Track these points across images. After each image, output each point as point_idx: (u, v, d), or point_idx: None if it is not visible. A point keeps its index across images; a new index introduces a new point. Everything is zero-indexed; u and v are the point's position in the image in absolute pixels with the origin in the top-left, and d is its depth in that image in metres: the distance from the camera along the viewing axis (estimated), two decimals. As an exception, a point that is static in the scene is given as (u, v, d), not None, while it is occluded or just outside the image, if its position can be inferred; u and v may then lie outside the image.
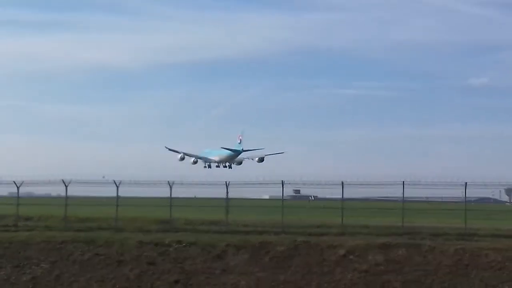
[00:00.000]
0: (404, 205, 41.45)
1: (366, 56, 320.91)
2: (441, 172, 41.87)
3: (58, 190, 49.94)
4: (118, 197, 43.58)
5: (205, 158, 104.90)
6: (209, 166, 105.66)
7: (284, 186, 41.34)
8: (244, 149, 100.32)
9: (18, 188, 44.21)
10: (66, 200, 43.51)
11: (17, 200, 44.89)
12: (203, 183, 42.19)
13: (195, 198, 67.75)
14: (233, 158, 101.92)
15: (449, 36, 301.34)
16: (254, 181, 41.26)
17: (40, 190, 73.39)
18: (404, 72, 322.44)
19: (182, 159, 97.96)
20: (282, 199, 42.86)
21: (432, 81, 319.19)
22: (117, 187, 43.08)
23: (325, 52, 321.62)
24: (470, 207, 44.65)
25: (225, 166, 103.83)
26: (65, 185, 42.96)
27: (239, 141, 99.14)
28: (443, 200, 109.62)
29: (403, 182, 39.78)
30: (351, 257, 32.50)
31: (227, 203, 42.04)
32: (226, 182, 41.35)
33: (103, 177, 43.87)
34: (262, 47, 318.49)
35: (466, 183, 40.00)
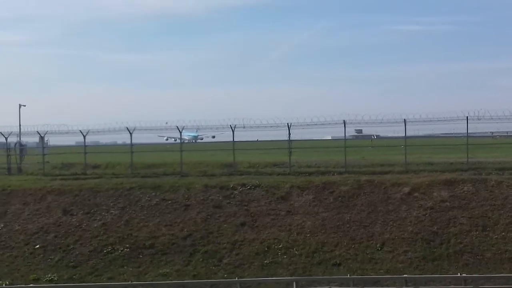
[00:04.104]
0: (468, 141, 40.78)
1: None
2: (506, 105, 40.79)
3: (123, 138, 50.54)
4: (181, 142, 44.06)
5: (180, 137, 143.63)
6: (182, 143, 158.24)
7: (346, 125, 41.06)
8: (199, 135, 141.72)
9: (84, 137, 44.97)
10: (132, 147, 44.19)
11: (84, 148, 45.83)
12: (265, 125, 42.07)
13: (257, 142, 68.22)
14: (195, 139, 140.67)
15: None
16: (316, 122, 40.91)
17: (106, 139, 74.53)
18: (466, 5, 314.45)
19: (166, 139, 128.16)
20: (345, 139, 42.75)
21: (493, 13, 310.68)
22: (180, 132, 43.59)
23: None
24: (536, 140, 43.80)
25: (192, 143, 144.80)
26: (130, 133, 43.52)
27: (196, 131, 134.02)
28: (508, 134, 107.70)
29: (467, 117, 38.98)
30: (416, 194, 32.37)
31: (290, 145, 42.03)
32: (288, 123, 41.14)
33: (166, 123, 44.47)
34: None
35: (532, 116, 38.97)
